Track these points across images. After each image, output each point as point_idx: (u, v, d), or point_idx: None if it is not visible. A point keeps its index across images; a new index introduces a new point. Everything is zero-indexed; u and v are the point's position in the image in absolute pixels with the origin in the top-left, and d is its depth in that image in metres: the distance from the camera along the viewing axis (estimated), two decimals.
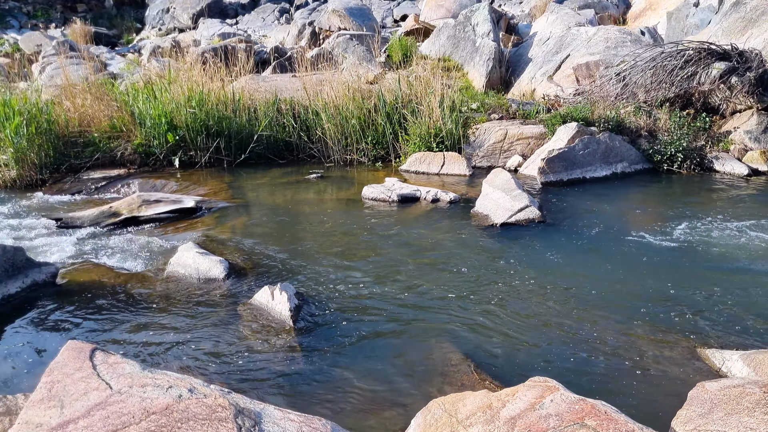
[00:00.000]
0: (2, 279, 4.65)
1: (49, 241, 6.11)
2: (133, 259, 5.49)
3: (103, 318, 4.33)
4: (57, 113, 8.48)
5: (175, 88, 8.65)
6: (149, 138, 8.32)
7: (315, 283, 4.83)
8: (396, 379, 3.58)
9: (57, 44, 16.44)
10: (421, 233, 5.82)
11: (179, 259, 5.13)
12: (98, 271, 5.23)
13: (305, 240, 5.77)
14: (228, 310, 4.44)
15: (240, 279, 4.93)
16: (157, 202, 6.69)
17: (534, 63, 12.35)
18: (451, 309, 4.35)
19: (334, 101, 8.51)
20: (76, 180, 8.10)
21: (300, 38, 19.67)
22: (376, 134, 8.41)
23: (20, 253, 4.82)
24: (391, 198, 6.73)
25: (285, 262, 5.26)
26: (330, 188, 7.48)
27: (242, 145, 8.50)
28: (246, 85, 9.55)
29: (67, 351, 2.71)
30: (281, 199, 7.11)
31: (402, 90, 8.54)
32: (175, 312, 4.40)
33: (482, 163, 8.11)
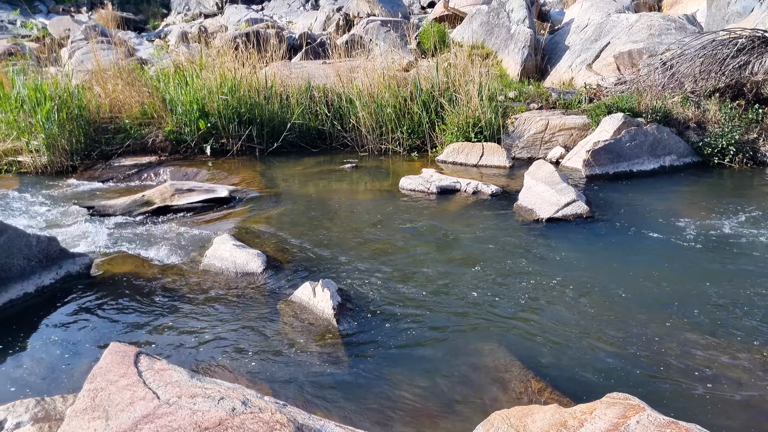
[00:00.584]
0: (36, 270, 4.51)
1: (81, 229, 5.99)
2: (167, 250, 5.34)
3: (139, 313, 4.18)
4: (88, 99, 8.35)
5: (206, 74, 8.48)
6: (180, 125, 8.16)
7: (355, 279, 4.63)
8: (447, 386, 3.37)
9: (86, 29, 16.38)
10: (464, 228, 5.58)
11: (215, 251, 4.96)
12: (132, 262, 5.09)
13: (343, 233, 5.57)
14: (268, 307, 4.26)
15: (278, 273, 4.74)
16: (190, 191, 6.53)
17: (571, 51, 11.97)
18: (500, 311, 4.12)
19: (368, 89, 8.26)
20: (107, 167, 7.98)
21: (328, 24, 19.41)
22: (411, 123, 8.16)
23: (54, 243, 4.68)
24: (430, 189, 6.49)
25: (323, 256, 5.07)
26: (365, 179, 7.26)
27: (274, 133, 8.31)
28: (276, 72, 9.35)
29: (111, 355, 2.53)
30: (316, 189, 6.91)
31: (439, 78, 8.26)
32: (213, 308, 4.23)
33: (522, 155, 7.82)
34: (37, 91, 7.81)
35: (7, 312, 4.19)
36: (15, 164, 8.03)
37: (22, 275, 4.41)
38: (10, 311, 4.21)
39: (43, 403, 2.80)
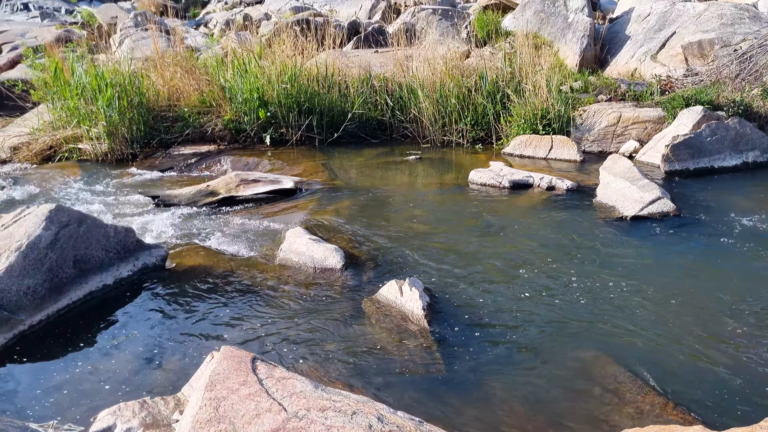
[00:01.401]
0: (114, 261, 4.43)
1: (148, 219, 5.91)
2: (237, 242, 5.22)
3: (219, 309, 4.05)
4: (146, 86, 8.29)
5: (263, 63, 8.34)
6: (240, 114, 8.05)
7: (435, 277, 4.44)
8: (553, 397, 3.16)
9: (135, 16, 16.44)
10: (544, 225, 5.34)
11: (291, 245, 4.82)
12: (205, 254, 4.98)
13: (416, 228, 5.38)
14: (352, 305, 4.09)
15: (357, 269, 4.58)
16: (255, 181, 6.41)
17: (633, 41, 11.52)
18: (595, 315, 3.88)
19: (430, 78, 8.03)
20: (167, 155, 7.92)
21: (373, 13, 19.16)
22: (475, 114, 7.91)
23: (131, 234, 4.59)
24: (502, 184, 6.25)
25: (399, 252, 4.88)
26: (431, 171, 7.05)
27: (333, 123, 8.14)
28: (330, 61, 9.14)
29: (226, 361, 2.38)
30: (381, 181, 6.73)
31: (506, 67, 7.99)
32: (295, 305, 4.09)
33: (592, 148, 7.52)
34: (99, 78, 7.76)
35: (88, 304, 4.11)
36: (75, 151, 8.03)
37: (101, 267, 4.33)
38: (91, 303, 4.13)
39: (146, 406, 2.68)
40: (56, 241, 4.08)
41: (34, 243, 3.97)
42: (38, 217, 4.15)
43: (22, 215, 4.24)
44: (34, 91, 9.62)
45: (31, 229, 4.06)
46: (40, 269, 3.94)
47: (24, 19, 25.62)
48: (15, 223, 4.16)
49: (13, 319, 3.69)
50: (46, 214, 4.15)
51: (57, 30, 17.69)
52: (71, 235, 4.19)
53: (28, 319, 3.77)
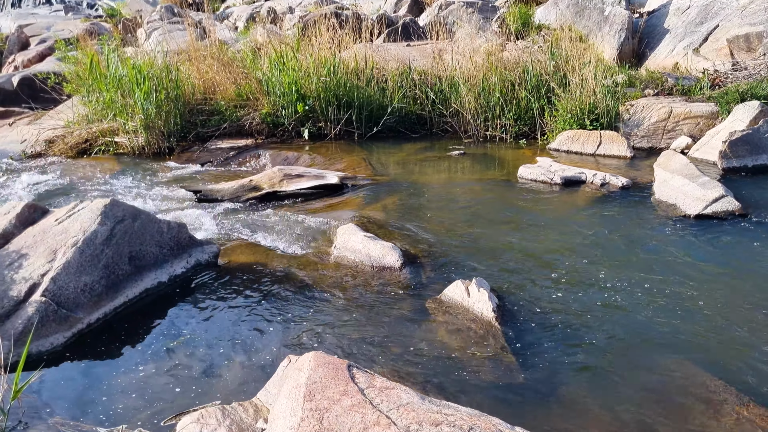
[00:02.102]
0: (168, 258, 4.31)
1: (191, 214, 5.79)
2: (287, 238, 5.08)
3: (277, 309, 3.91)
4: (182, 79, 8.18)
5: (300, 56, 8.19)
6: (277, 107, 7.91)
7: (498, 276, 4.27)
8: (639, 405, 2.98)
9: (161, 9, 16.37)
10: (602, 223, 5.14)
11: (346, 242, 4.67)
12: (257, 251, 4.85)
13: (469, 224, 5.21)
14: (415, 306, 3.94)
15: (415, 268, 4.42)
16: (299, 176, 6.27)
17: (672, 34, 11.23)
18: (674, 318, 3.69)
19: (473, 72, 7.84)
20: (204, 149, 7.81)
21: (399, 7, 18.95)
22: (518, 109, 7.71)
23: (184, 230, 4.47)
24: (554, 180, 6.06)
25: (456, 249, 4.72)
26: (477, 166, 6.87)
27: (372, 117, 7.98)
28: (367, 54, 8.96)
29: (321, 368, 2.23)
30: (427, 176, 6.56)
31: (552, 60, 7.78)
32: (357, 305, 3.94)
33: (641, 144, 7.29)
34: (136, 70, 7.66)
35: (144, 301, 4.00)
36: (112, 145, 7.94)
37: (155, 263, 4.21)
38: (146, 300, 4.01)
39: (228, 413, 2.54)
40: (112, 237, 3.97)
41: (90, 239, 3.86)
42: (93, 212, 4.03)
43: (76, 210, 4.12)
44: (67, 84, 9.57)
45: (86, 224, 3.95)
46: (97, 266, 3.83)
47: (47, 12, 25.73)
48: (69, 218, 4.05)
49: (71, 317, 3.58)
50: (101, 209, 4.04)
51: (83, 23, 17.67)
52: (126, 231, 4.08)
53: (86, 317, 3.66)
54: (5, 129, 10.06)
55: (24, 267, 3.74)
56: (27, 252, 3.86)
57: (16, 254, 3.87)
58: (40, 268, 3.70)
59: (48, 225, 4.07)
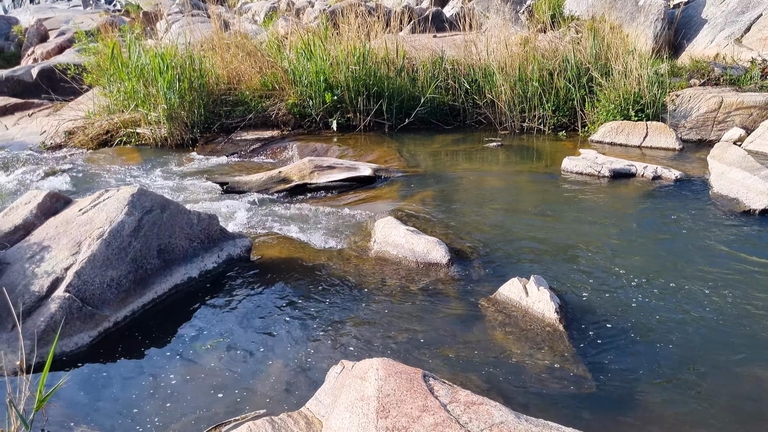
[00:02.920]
0: (198, 252, 4.01)
1: (219, 207, 5.51)
2: (322, 232, 4.77)
3: (319, 308, 3.60)
4: (206, 68, 7.90)
5: (328, 45, 7.87)
6: (304, 98, 7.61)
7: (553, 274, 3.93)
8: (725, 420, 2.63)
9: (181, 2, 16.14)
10: (659, 218, 4.78)
11: (387, 236, 4.35)
12: (291, 245, 4.54)
13: (515, 218, 4.87)
14: (467, 305, 3.61)
15: (463, 265, 4.09)
16: (331, 168, 5.96)
17: (711, 24, 10.77)
18: (754, 324, 3.33)
19: (509, 61, 7.48)
20: (229, 141, 7.52)
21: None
22: (557, 99, 7.34)
23: (215, 222, 4.17)
24: (601, 173, 5.70)
25: (503, 245, 4.38)
26: (516, 159, 6.52)
27: (403, 108, 7.65)
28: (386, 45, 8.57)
29: (393, 378, 1.91)
30: (464, 169, 6.22)
31: (593, 47, 7.40)
32: (404, 305, 3.61)
33: (690, 136, 6.89)
34: (159, 59, 7.39)
35: (174, 298, 3.70)
36: (134, 136, 7.68)
37: (185, 257, 3.92)
38: (176, 297, 3.72)
39: (276, 425, 2.23)
40: (140, 228, 3.68)
41: (117, 230, 3.57)
42: (120, 201, 3.75)
43: (101, 199, 3.84)
44: (87, 75, 9.33)
45: (112, 214, 3.66)
46: (124, 259, 3.54)
47: (66, 7, 25.62)
48: (94, 208, 3.77)
49: (97, 314, 3.29)
50: (128, 199, 3.75)
51: (102, 17, 17.50)
52: (155, 222, 3.78)
53: (112, 315, 3.37)
54: (25, 120, 9.86)
55: (46, 260, 3.46)
56: (49, 244, 3.58)
57: (37, 246, 3.60)
58: (63, 262, 3.42)
59: (71, 215, 3.78)
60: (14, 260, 3.57)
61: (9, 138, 8.95)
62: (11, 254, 3.62)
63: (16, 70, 11.60)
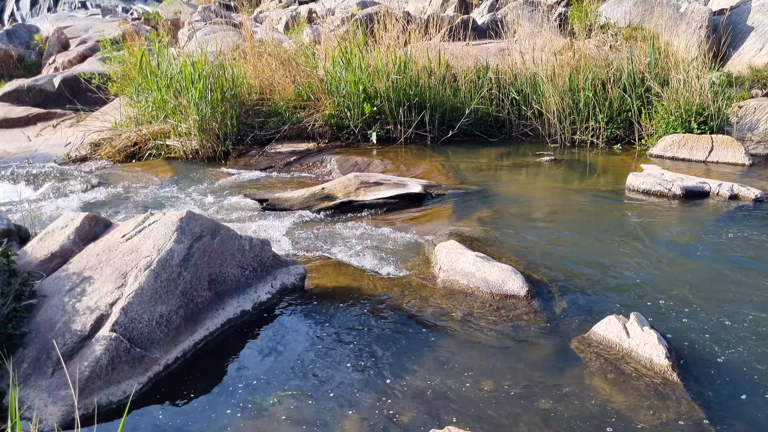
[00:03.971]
0: (251, 281, 3.62)
1: (260, 226, 5.14)
2: (376, 256, 4.38)
3: (389, 351, 3.21)
4: (239, 78, 7.56)
5: (362, 54, 7.51)
6: (341, 108, 7.24)
7: (649, 311, 3.50)
8: None
9: (203, 10, 15.90)
10: (754, 244, 4.34)
11: (454, 263, 3.95)
12: (345, 272, 4.15)
13: (589, 243, 4.45)
14: (556, 346, 3.20)
15: (544, 297, 3.67)
16: (377, 184, 5.57)
17: (758, 32, 10.32)
18: None
19: (556, 69, 7.08)
20: (263, 154, 7.17)
21: (445, 7, 18.26)
22: (609, 110, 6.92)
23: (267, 247, 3.79)
24: (672, 191, 5.27)
25: (584, 274, 3.97)
26: (573, 175, 6.10)
27: (444, 119, 7.26)
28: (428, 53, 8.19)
29: None
30: (518, 185, 5.81)
31: (651, 55, 6.99)
32: (484, 345, 3.21)
33: (757, 150, 6.46)
34: (191, 68, 7.05)
35: (226, 335, 3.32)
36: (163, 148, 7.34)
37: (237, 288, 3.54)
38: (229, 333, 3.33)
39: None
40: (189, 257, 3.30)
41: (166, 259, 3.20)
42: (167, 226, 3.37)
43: (146, 224, 3.47)
44: (112, 84, 9.03)
45: (160, 241, 3.29)
46: (174, 292, 3.16)
47: (84, 15, 25.55)
48: (140, 234, 3.40)
49: (146, 357, 2.91)
50: (176, 224, 3.37)
51: (122, 25, 17.29)
52: (205, 249, 3.41)
53: (162, 356, 2.99)
54: (48, 131, 9.58)
55: (88, 293, 3.09)
56: (91, 275, 3.21)
57: (77, 277, 3.23)
58: (107, 296, 3.04)
59: (114, 242, 3.41)
60: (52, 292, 3.20)
61: (32, 150, 8.66)
62: (48, 285, 3.25)
63: (37, 79, 11.35)
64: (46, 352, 2.86)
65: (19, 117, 10.09)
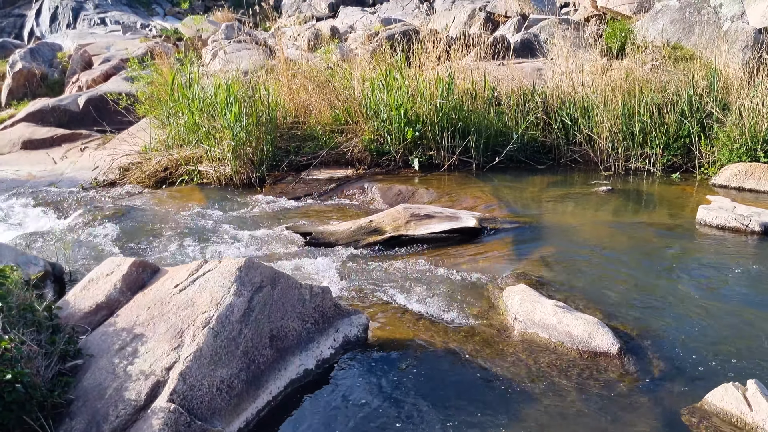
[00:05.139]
0: (313, 335, 3.29)
1: (304, 264, 4.82)
2: (437, 300, 4.05)
3: (469, 417, 2.84)
4: (273, 101, 7.28)
5: (403, 76, 7.20)
6: (381, 133, 6.93)
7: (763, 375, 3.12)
8: None
9: (226, 28, 15.74)
10: None
11: (530, 313, 3.59)
12: (408, 319, 3.81)
13: (672, 290, 4.08)
14: (662, 417, 2.83)
15: (638, 356, 3.31)
16: (429, 217, 5.24)
17: None
18: None
19: (607, 92, 6.74)
20: (299, 180, 6.86)
21: (470, 24, 18.01)
22: (665, 136, 6.56)
23: (328, 296, 3.46)
24: (749, 227, 4.89)
25: (673, 327, 3.60)
26: (635, 207, 5.74)
27: (489, 144, 6.93)
28: (472, 75, 7.89)
29: None
30: (578, 218, 5.46)
31: (712, 78, 6.64)
32: (577, 414, 2.84)
33: None
34: (226, 91, 6.78)
35: (289, 398, 2.98)
36: (195, 174, 7.05)
37: (299, 343, 3.20)
38: (290, 395, 3.00)
39: None
40: (250, 312, 2.98)
41: (226, 315, 2.87)
42: (225, 276, 3.05)
43: (201, 272, 3.15)
44: (140, 106, 8.79)
45: (218, 294, 2.96)
46: (235, 353, 2.83)
47: (103, 32, 25.56)
48: (194, 285, 3.08)
49: (208, 431, 2.56)
50: (234, 273, 3.05)
51: (143, 42, 17.18)
52: (266, 302, 3.08)
53: (225, 428, 2.64)
54: (74, 153, 9.35)
55: (141, 355, 2.77)
56: (143, 332, 2.89)
57: (127, 334, 2.90)
58: (163, 358, 2.72)
59: (165, 292, 3.09)
60: (100, 351, 2.88)
61: (58, 173, 8.42)
62: (95, 342, 2.93)
63: (62, 99, 11.16)
64: (96, 425, 2.54)
65: (44, 138, 9.88)
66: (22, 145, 9.75)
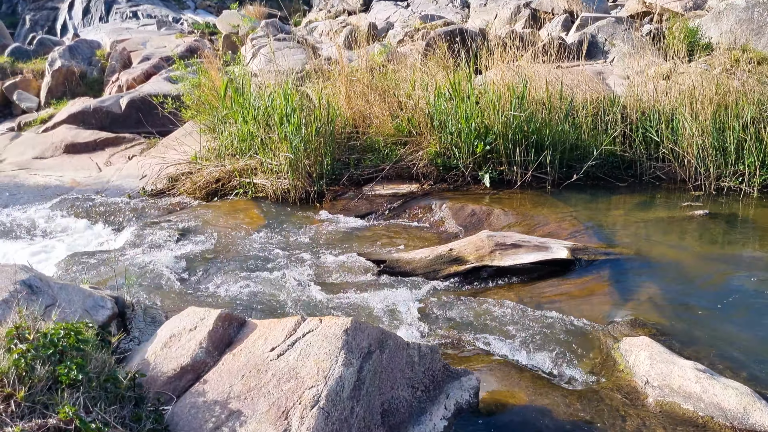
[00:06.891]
0: (425, 405, 2.85)
1: (378, 297, 4.40)
2: (546, 351, 3.62)
3: None
4: (333, 110, 6.85)
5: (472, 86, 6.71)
6: (448, 146, 6.47)
7: None
8: None
9: (266, 25, 15.35)
10: None
11: (667, 378, 3.12)
12: (515, 376, 3.38)
13: None
14: None
15: None
16: (516, 246, 4.77)
17: None
18: None
19: (697, 105, 6.19)
20: (362, 196, 6.43)
21: (513, 21, 17.38)
22: (763, 153, 6.00)
23: (437, 357, 3.03)
24: None
25: None
26: (741, 235, 5.21)
27: (564, 159, 6.43)
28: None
29: None
30: (678, 251, 4.94)
31: None
32: None
33: None
34: (287, 99, 6.37)
35: None
36: (249, 186, 6.66)
37: (411, 416, 2.77)
38: None
39: None
40: (360, 384, 2.55)
41: (336, 391, 2.45)
42: (330, 341, 2.63)
43: (300, 333, 2.74)
44: (186, 111, 8.44)
45: (324, 363, 2.54)
46: None
47: (136, 26, 25.39)
48: (293, 348, 2.66)
49: None
50: (341, 337, 2.63)
51: (179, 38, 16.88)
52: (376, 370, 2.66)
53: None
54: (117, 158, 9.04)
55: None
56: (239, 408, 2.48)
57: (221, 409, 2.50)
58: None
59: (260, 357, 2.68)
60: (188, 428, 2.47)
61: (104, 181, 8.10)
62: (183, 417, 2.53)
63: (103, 100, 10.86)
64: None
65: (87, 142, 9.59)
66: (65, 149, 9.47)
